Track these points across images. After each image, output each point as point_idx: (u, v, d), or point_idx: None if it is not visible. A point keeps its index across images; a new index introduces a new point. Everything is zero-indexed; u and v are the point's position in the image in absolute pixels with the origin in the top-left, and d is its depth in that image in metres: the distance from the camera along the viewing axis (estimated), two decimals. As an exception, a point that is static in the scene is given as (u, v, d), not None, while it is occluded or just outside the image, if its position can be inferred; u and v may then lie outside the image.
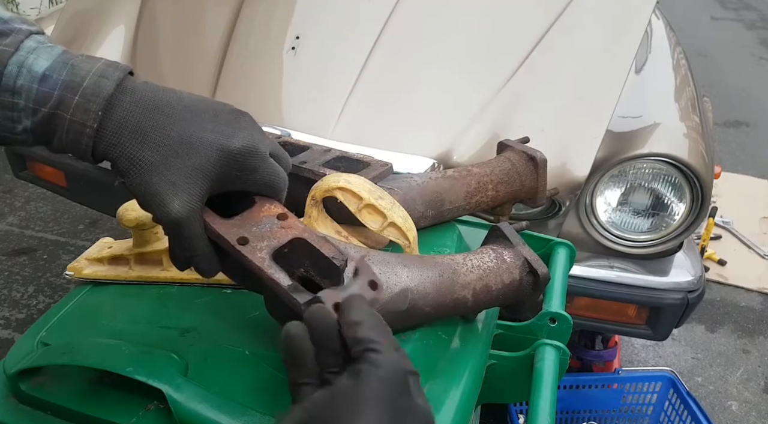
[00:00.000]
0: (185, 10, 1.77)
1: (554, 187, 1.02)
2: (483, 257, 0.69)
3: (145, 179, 0.49)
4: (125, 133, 0.48)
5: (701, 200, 1.46)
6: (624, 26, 1.64)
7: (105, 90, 0.47)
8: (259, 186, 0.55)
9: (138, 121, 0.48)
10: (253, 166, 0.53)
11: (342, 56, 1.56)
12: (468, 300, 0.66)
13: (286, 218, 0.56)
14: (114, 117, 0.48)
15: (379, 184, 0.77)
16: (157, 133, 0.49)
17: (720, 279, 2.69)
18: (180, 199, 0.49)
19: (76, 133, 0.47)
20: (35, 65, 0.47)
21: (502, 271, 0.68)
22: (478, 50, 1.58)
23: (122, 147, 0.48)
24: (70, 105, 0.47)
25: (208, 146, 0.50)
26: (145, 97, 0.49)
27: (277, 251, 0.53)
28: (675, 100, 1.71)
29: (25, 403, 0.61)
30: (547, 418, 0.66)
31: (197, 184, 0.50)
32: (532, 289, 0.69)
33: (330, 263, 0.52)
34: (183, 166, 0.49)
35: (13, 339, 2.12)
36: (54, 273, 2.39)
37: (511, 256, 0.69)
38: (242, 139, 0.52)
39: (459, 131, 1.46)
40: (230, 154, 0.51)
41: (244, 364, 0.61)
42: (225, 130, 0.51)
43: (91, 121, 0.47)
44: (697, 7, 6.51)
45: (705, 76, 3.70)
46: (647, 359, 2.29)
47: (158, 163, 0.48)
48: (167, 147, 0.49)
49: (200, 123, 0.51)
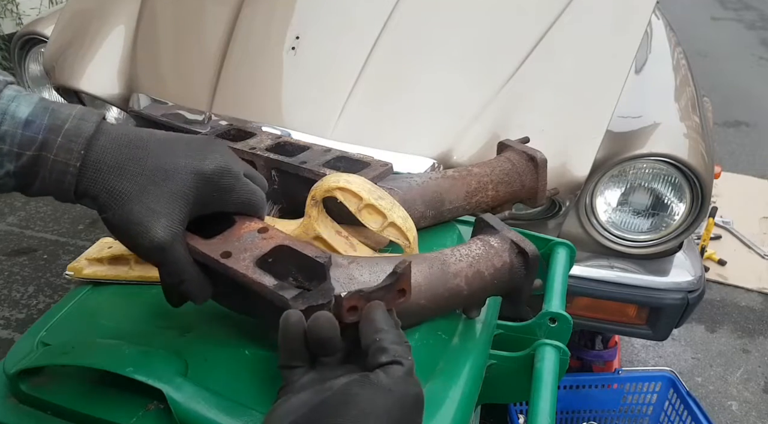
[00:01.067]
0: (185, 10, 1.77)
1: (554, 187, 1.02)
2: (470, 247, 0.69)
3: (125, 210, 0.51)
4: (104, 169, 0.50)
5: (701, 200, 1.46)
6: (624, 26, 1.64)
7: (86, 131, 0.50)
8: (237, 205, 0.57)
9: (115, 157, 0.51)
10: (229, 185, 0.55)
11: (342, 56, 1.56)
12: (463, 288, 0.66)
13: (266, 230, 0.57)
14: (93, 155, 0.50)
15: (379, 185, 0.77)
16: (134, 165, 0.51)
17: (720, 279, 2.69)
18: (161, 224, 0.51)
19: (60, 172, 0.50)
20: (18, 112, 0.49)
21: (491, 256, 0.68)
22: (478, 50, 1.58)
23: (102, 182, 0.50)
24: (53, 146, 0.49)
25: (183, 171, 0.52)
26: (121, 136, 0.52)
27: (261, 260, 0.54)
28: (675, 100, 1.71)
29: (25, 403, 0.61)
30: (547, 418, 0.66)
31: (176, 208, 0.52)
32: (525, 269, 0.69)
33: (314, 262, 0.53)
34: (161, 193, 0.51)
35: (13, 339, 2.12)
36: (54, 273, 2.39)
37: (498, 241, 0.70)
38: (215, 161, 0.54)
39: (459, 131, 1.46)
40: (205, 175, 0.53)
41: (244, 364, 0.61)
42: (198, 155, 0.54)
43: (74, 160, 0.50)
44: (697, 7, 6.51)
45: (705, 76, 3.70)
46: (647, 359, 2.29)
47: (137, 192, 0.51)
48: (144, 177, 0.51)
49: (174, 151, 0.53)
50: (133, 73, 1.68)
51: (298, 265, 0.54)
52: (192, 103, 1.57)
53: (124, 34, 1.75)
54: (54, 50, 1.77)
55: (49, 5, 3.88)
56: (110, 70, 1.70)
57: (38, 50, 1.89)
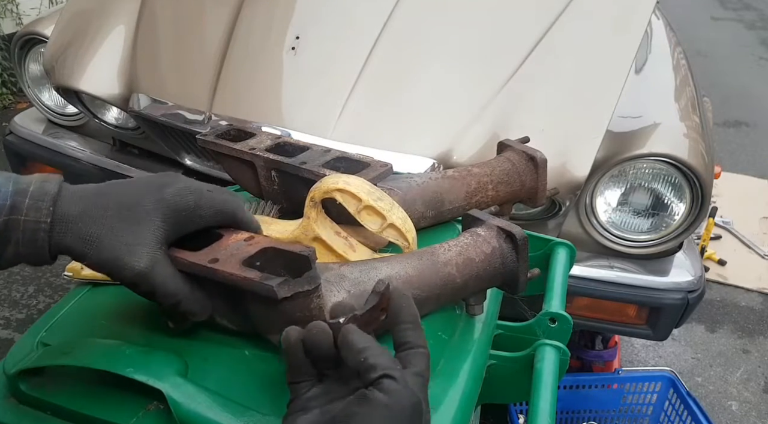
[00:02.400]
0: (185, 10, 1.77)
1: (554, 187, 1.02)
2: (459, 238, 0.71)
3: (100, 251, 0.53)
4: (71, 220, 0.53)
5: (701, 200, 1.46)
6: (624, 26, 1.64)
7: (50, 190, 0.53)
8: (213, 216, 0.59)
9: (80, 207, 0.54)
10: (193, 202, 0.57)
11: (342, 56, 1.56)
12: (455, 276, 0.67)
13: (253, 238, 0.59)
14: (60, 209, 0.53)
15: (379, 185, 0.77)
16: (98, 210, 0.54)
17: (720, 279, 2.69)
18: (137, 253, 0.54)
19: (32, 231, 0.52)
20: None
21: (479, 243, 0.69)
22: (478, 50, 1.58)
23: (72, 232, 0.53)
24: (22, 208, 0.52)
25: (145, 203, 0.55)
26: (83, 189, 0.55)
27: (248, 261, 0.55)
28: (675, 100, 1.71)
29: (25, 403, 0.61)
30: (547, 418, 0.66)
31: (148, 236, 0.54)
32: (516, 252, 0.69)
33: (298, 256, 0.54)
34: (128, 226, 0.54)
35: (13, 339, 2.12)
36: (54, 273, 2.39)
37: (484, 229, 0.71)
38: (172, 185, 0.57)
39: (459, 131, 1.46)
40: (165, 200, 0.56)
41: (244, 364, 0.61)
42: (156, 185, 0.57)
43: (45, 217, 0.52)
44: (697, 7, 6.51)
45: (705, 76, 3.70)
46: (647, 359, 2.29)
47: (106, 233, 0.53)
48: (110, 218, 0.54)
49: (134, 190, 0.56)
50: (133, 73, 1.68)
51: (284, 263, 0.55)
52: (192, 103, 1.57)
53: (124, 34, 1.75)
54: (54, 50, 1.77)
55: (49, 5, 3.88)
56: (110, 70, 1.70)
57: (38, 50, 1.89)
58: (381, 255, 0.76)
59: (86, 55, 1.72)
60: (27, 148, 1.88)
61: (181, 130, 1.58)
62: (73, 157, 1.82)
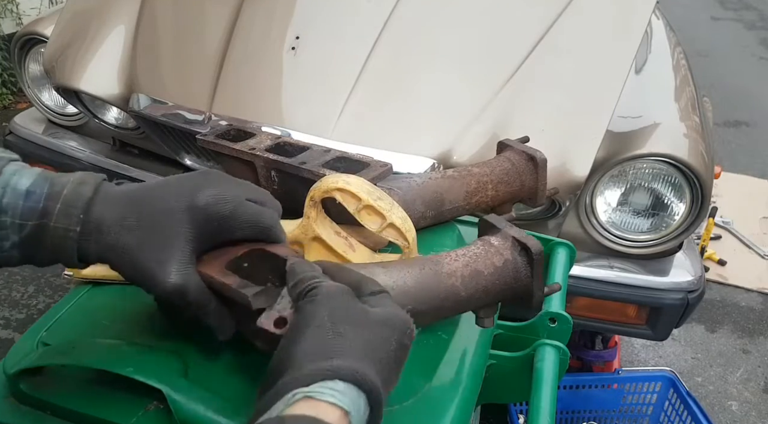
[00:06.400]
0: (185, 10, 1.77)
1: (554, 187, 1.02)
2: (469, 247, 0.66)
3: (133, 263, 0.52)
4: (104, 229, 0.52)
5: (701, 200, 1.46)
6: (624, 26, 1.64)
7: (84, 195, 0.52)
8: (245, 230, 0.56)
9: (113, 215, 0.52)
10: (227, 213, 0.54)
11: (342, 56, 1.56)
12: (459, 289, 0.63)
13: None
14: (93, 217, 0.52)
15: (379, 185, 0.77)
16: (131, 219, 0.52)
17: (720, 279, 2.69)
18: (168, 271, 0.52)
19: (61, 238, 0.51)
20: (18, 185, 0.51)
21: (490, 254, 0.65)
22: (478, 50, 1.58)
23: (102, 242, 0.52)
24: (53, 213, 0.51)
25: (177, 212, 0.53)
26: (119, 194, 0.54)
27: (235, 262, 0.54)
28: (675, 100, 1.71)
29: (25, 403, 0.61)
30: (547, 418, 0.66)
31: (180, 250, 0.53)
32: (530, 267, 0.64)
33: (283, 260, 0.53)
34: (161, 239, 0.52)
35: (13, 339, 2.12)
36: (54, 273, 2.39)
37: (499, 239, 0.66)
38: (207, 193, 0.54)
39: (459, 131, 1.46)
40: (199, 209, 0.53)
41: (244, 364, 0.61)
42: (190, 192, 0.54)
43: (74, 225, 0.51)
44: (697, 7, 6.51)
45: (705, 76, 3.70)
46: (647, 359, 2.29)
47: (139, 244, 0.52)
48: (142, 229, 0.52)
49: (167, 196, 0.54)
50: (133, 73, 1.68)
51: (271, 266, 0.54)
52: (192, 103, 1.57)
53: (124, 34, 1.75)
54: (54, 50, 1.77)
55: (49, 5, 3.88)
56: (110, 70, 1.70)
57: (38, 50, 1.89)
58: (381, 256, 0.76)
59: (86, 55, 1.72)
60: (27, 148, 1.88)
61: (181, 130, 1.58)
62: (73, 157, 1.82)
